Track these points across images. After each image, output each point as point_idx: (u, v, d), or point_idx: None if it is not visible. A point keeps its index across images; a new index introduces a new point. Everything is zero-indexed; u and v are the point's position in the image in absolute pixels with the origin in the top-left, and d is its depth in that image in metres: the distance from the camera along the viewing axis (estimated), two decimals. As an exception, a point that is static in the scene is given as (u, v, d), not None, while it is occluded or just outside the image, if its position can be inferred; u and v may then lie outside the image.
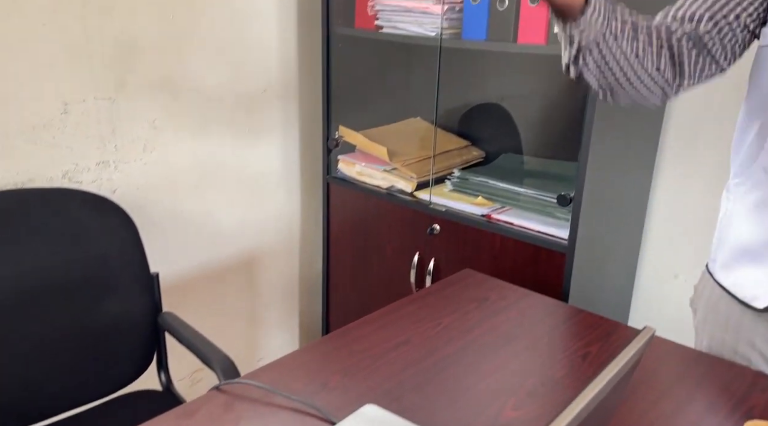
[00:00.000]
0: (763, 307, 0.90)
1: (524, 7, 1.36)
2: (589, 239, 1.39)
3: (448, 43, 1.49)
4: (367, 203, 1.73)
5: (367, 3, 1.60)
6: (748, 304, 0.92)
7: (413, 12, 1.51)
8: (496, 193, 1.56)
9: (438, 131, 1.82)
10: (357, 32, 1.66)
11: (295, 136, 1.85)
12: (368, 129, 1.81)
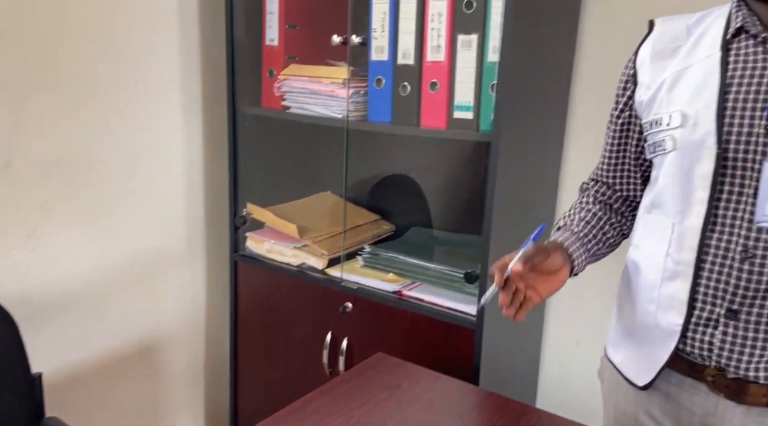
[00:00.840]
0: (642, 385, 0.96)
1: (425, 94, 1.42)
2: (498, 314, 1.42)
3: (355, 125, 1.52)
4: (277, 282, 1.69)
5: (274, 84, 1.62)
6: (632, 382, 0.98)
7: (320, 95, 1.54)
8: (406, 269, 1.58)
9: (348, 206, 1.84)
10: (264, 112, 1.67)
11: (199, 214, 1.80)
12: (278, 204, 1.79)
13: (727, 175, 0.86)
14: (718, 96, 0.86)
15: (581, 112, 1.55)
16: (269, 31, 1.61)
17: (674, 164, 0.91)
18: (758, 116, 0.83)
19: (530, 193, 1.49)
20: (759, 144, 0.83)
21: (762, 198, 0.83)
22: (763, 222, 0.83)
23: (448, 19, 1.35)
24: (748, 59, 0.86)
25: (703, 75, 0.89)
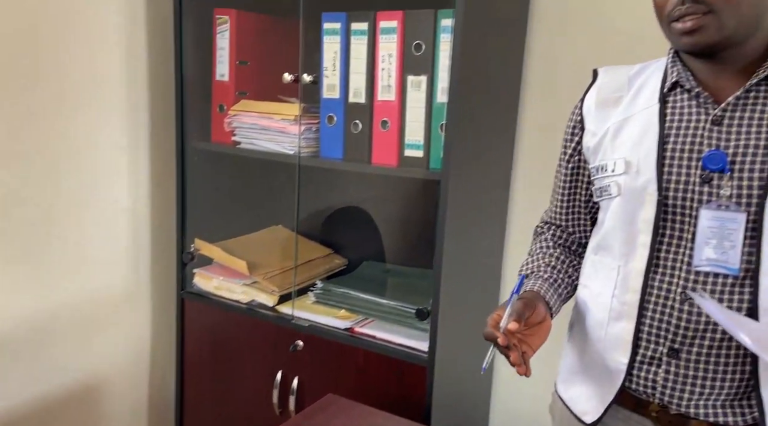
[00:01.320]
0: (590, 423, 0.98)
1: (376, 132, 1.44)
2: (449, 349, 1.43)
3: (307, 161, 1.52)
4: (226, 319, 1.64)
5: (224, 119, 1.60)
6: (580, 419, 1.00)
7: (270, 131, 1.53)
8: (358, 305, 1.57)
9: (300, 240, 1.82)
10: (214, 147, 1.64)
11: (144, 250, 1.74)
12: (229, 239, 1.76)
13: (668, 221, 0.90)
14: (658, 146, 0.91)
15: (527, 149, 1.60)
16: (219, 66, 1.60)
17: (619, 209, 0.95)
18: (694, 166, 0.88)
19: (479, 229, 1.51)
20: (695, 192, 0.88)
21: (699, 243, 0.87)
22: (700, 266, 0.87)
23: (398, 60, 1.38)
24: (684, 112, 0.91)
25: (644, 125, 0.93)
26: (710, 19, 0.81)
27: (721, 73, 0.88)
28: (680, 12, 0.83)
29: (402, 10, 1.35)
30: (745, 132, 0.86)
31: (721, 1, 0.80)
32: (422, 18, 1.34)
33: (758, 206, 0.84)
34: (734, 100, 0.87)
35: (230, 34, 1.57)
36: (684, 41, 0.85)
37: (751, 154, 0.85)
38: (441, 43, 1.33)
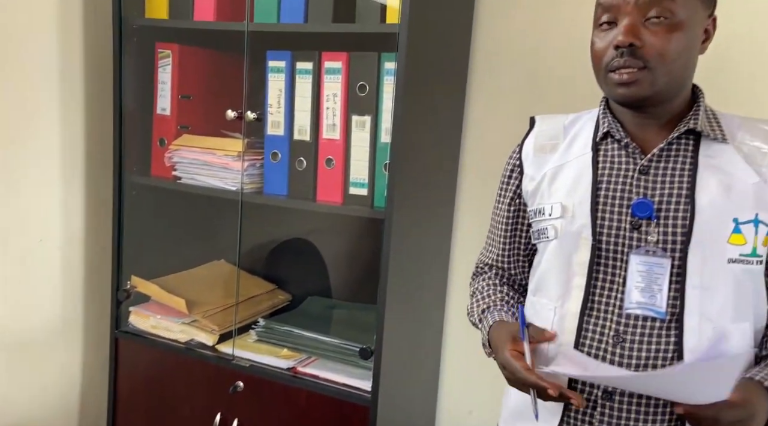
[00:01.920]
0: None
1: (321, 169, 1.44)
2: (393, 388, 1.42)
3: (250, 198, 1.50)
4: (163, 359, 1.58)
5: (164, 154, 1.57)
6: None
7: (213, 167, 1.51)
8: (302, 343, 1.54)
9: (242, 275, 1.78)
10: (153, 181, 1.60)
11: (77, 288, 1.67)
12: (168, 275, 1.70)
13: (601, 265, 0.94)
14: (591, 192, 0.95)
15: (469, 188, 1.64)
16: (161, 100, 1.57)
17: (556, 251, 0.98)
18: (624, 212, 0.92)
19: (423, 267, 1.53)
20: (626, 237, 0.92)
21: (629, 287, 0.91)
22: (630, 309, 0.91)
23: (342, 100, 1.39)
24: (614, 160, 0.95)
25: (578, 172, 0.97)
26: (645, 74, 0.86)
27: (648, 126, 0.94)
28: (618, 64, 0.87)
29: (346, 52, 1.37)
30: (669, 181, 0.91)
31: (656, 59, 0.86)
32: (366, 60, 1.36)
33: (681, 252, 0.89)
34: (658, 152, 0.92)
35: (172, 68, 1.55)
36: (619, 92, 0.89)
37: (674, 203, 0.90)
38: (384, 85, 1.36)
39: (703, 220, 0.88)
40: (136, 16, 1.53)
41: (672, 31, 0.85)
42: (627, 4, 0.86)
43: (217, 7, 1.47)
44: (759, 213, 0.87)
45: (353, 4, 1.34)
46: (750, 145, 0.90)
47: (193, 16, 1.49)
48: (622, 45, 0.86)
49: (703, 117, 0.92)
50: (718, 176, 0.89)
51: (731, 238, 0.88)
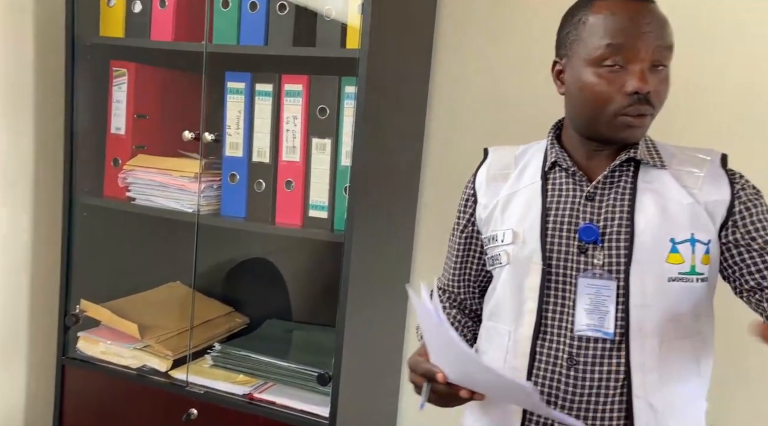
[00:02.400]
0: None
1: (280, 191, 1.43)
2: (351, 414, 1.40)
3: (206, 219, 1.47)
4: (113, 387, 1.52)
5: (118, 174, 1.53)
6: None
7: (169, 188, 1.48)
8: (259, 368, 1.51)
9: (198, 297, 1.74)
10: (106, 202, 1.55)
11: (22, 313, 1.59)
12: (120, 298, 1.65)
13: (552, 288, 0.96)
14: (541, 218, 0.97)
15: (429, 211, 1.65)
16: (115, 119, 1.54)
17: (508, 277, 1.00)
18: (572, 237, 0.95)
19: (383, 289, 1.53)
20: (574, 261, 0.95)
21: (578, 309, 0.93)
22: (581, 331, 0.93)
23: (302, 123, 1.39)
24: (562, 188, 0.98)
25: (528, 199, 1.00)
26: (649, 119, 0.92)
27: (595, 155, 0.98)
28: (636, 111, 0.89)
29: (307, 75, 1.37)
30: (611, 206, 0.94)
31: (658, 105, 0.92)
32: (327, 84, 1.36)
33: (625, 273, 0.92)
34: (603, 179, 0.96)
35: (128, 86, 1.52)
36: (625, 134, 0.91)
37: (616, 226, 0.93)
38: (345, 108, 1.36)
39: (642, 242, 0.92)
40: (90, 33, 1.49)
41: (667, 79, 0.92)
42: (647, 51, 0.88)
43: (176, 26, 1.45)
44: (694, 233, 0.91)
45: (314, 28, 1.34)
46: (684, 170, 0.95)
47: (150, 35, 1.47)
48: (642, 91, 0.88)
49: (642, 146, 0.97)
50: (655, 199, 0.93)
51: (669, 258, 0.91)
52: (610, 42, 0.88)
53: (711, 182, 0.94)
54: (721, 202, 0.92)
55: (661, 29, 0.89)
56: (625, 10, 0.89)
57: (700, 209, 0.92)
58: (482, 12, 1.54)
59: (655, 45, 0.88)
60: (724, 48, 1.36)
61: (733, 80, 1.36)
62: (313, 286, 1.78)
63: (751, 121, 1.36)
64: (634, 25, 0.88)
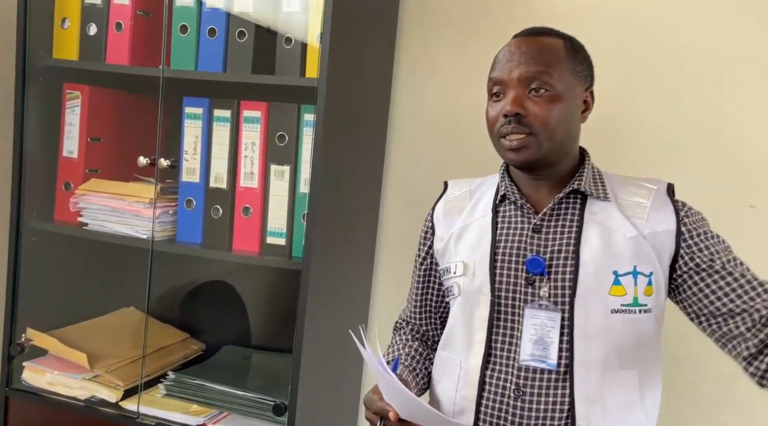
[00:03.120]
0: None
1: (238, 218, 1.41)
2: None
3: (162, 246, 1.44)
4: (60, 420, 1.46)
5: (69, 198, 1.48)
6: None
7: (123, 213, 1.44)
8: (214, 397, 1.48)
9: (153, 323, 1.69)
10: (56, 227, 1.51)
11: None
12: (71, 325, 1.59)
13: (500, 319, 0.98)
14: (491, 251, 0.99)
15: (388, 239, 1.66)
16: (68, 142, 1.50)
17: (460, 307, 1.01)
18: (520, 269, 0.97)
19: (341, 317, 1.52)
20: (521, 292, 0.97)
21: (524, 340, 0.95)
22: (525, 361, 0.95)
23: (261, 149, 1.38)
24: (511, 221, 1.01)
25: (480, 232, 1.02)
26: (531, 140, 0.94)
27: (540, 187, 1.01)
28: (507, 130, 0.95)
29: (266, 102, 1.37)
30: (558, 238, 0.97)
31: (539, 127, 0.94)
32: (286, 111, 1.36)
33: (569, 305, 0.94)
34: (549, 211, 0.98)
35: (81, 109, 1.48)
36: (509, 156, 0.97)
37: (562, 258, 0.96)
38: (304, 136, 1.36)
39: (586, 273, 0.94)
40: (43, 55, 1.46)
41: (552, 102, 0.94)
42: (512, 79, 0.95)
43: (132, 50, 1.43)
44: (637, 265, 0.94)
45: (273, 56, 1.34)
46: (630, 200, 0.98)
47: (105, 58, 1.44)
48: (509, 114, 0.94)
49: (588, 177, 0.99)
50: (600, 231, 0.96)
51: (612, 290, 0.94)
52: (491, 76, 0.99)
53: (656, 211, 0.97)
54: (668, 232, 0.95)
55: (534, 58, 0.95)
56: (509, 45, 0.99)
57: (644, 242, 0.95)
58: (443, 42, 1.57)
59: (523, 71, 0.94)
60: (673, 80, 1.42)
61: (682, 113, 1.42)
62: (272, 311, 1.75)
63: (696, 152, 1.42)
64: (509, 57, 0.97)
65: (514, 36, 1.01)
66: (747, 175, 1.36)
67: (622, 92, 1.43)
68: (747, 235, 1.36)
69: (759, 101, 1.34)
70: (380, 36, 1.53)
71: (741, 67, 1.35)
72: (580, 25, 1.43)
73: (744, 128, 1.36)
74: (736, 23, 1.35)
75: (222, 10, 1.36)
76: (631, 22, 1.42)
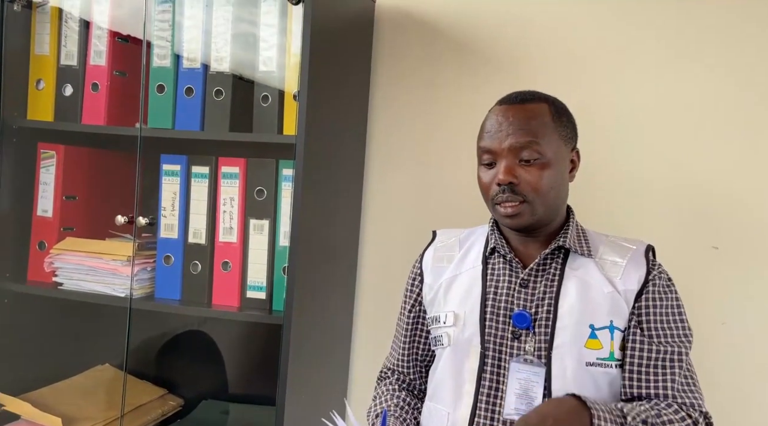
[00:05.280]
0: None
1: (217, 273, 1.41)
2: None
3: (140, 304, 1.43)
4: (33, 488, 1.41)
5: (44, 258, 1.46)
6: None
7: (99, 272, 1.43)
8: (194, 456, 1.45)
9: (129, 380, 1.66)
10: (29, 289, 1.48)
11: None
12: (45, 387, 1.54)
13: (488, 372, 0.99)
14: (481, 303, 1.01)
15: (367, 292, 1.67)
16: (42, 201, 1.49)
17: (449, 358, 1.03)
18: (507, 322, 1.00)
19: (323, 370, 1.51)
20: (508, 346, 0.99)
21: (509, 393, 0.97)
22: (510, 415, 0.96)
23: (240, 204, 1.39)
24: (500, 273, 1.03)
25: (469, 283, 1.04)
26: (525, 207, 0.97)
27: (529, 243, 1.04)
28: (502, 198, 0.98)
29: (244, 158, 1.39)
30: (541, 292, 1.00)
31: (532, 195, 0.97)
32: (264, 166, 1.38)
33: (547, 358, 0.96)
34: (535, 266, 1.01)
35: (56, 168, 1.48)
36: (506, 222, 1.01)
37: (545, 313, 0.98)
38: (283, 190, 1.38)
39: (563, 326, 0.97)
40: (17, 117, 1.46)
41: (542, 168, 0.97)
42: (503, 149, 0.98)
43: (108, 109, 1.44)
44: (613, 319, 0.97)
45: (251, 113, 1.37)
46: (608, 259, 1.02)
47: (81, 118, 1.45)
48: (502, 183, 0.97)
49: (573, 234, 1.03)
50: (579, 286, 0.99)
51: (588, 343, 0.96)
52: (481, 145, 1.02)
53: (631, 270, 1.00)
54: (635, 291, 0.99)
55: (523, 128, 0.98)
56: (495, 114, 1.01)
57: (619, 297, 0.98)
58: (415, 97, 1.61)
59: (513, 142, 0.97)
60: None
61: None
62: (251, 363, 1.74)
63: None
64: (498, 127, 0.99)
65: (498, 102, 1.04)
66: (709, 217, 1.43)
67: (583, 138, 1.49)
68: (710, 275, 1.42)
69: (720, 143, 1.41)
70: (354, 88, 1.57)
71: (702, 113, 1.42)
72: (541, 74, 1.50)
73: (705, 170, 1.42)
74: (690, 68, 1.43)
75: (199, 70, 1.38)
76: (584, 69, 1.50)
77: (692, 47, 1.42)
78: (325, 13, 1.32)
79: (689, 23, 1.42)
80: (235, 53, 1.36)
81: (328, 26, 1.35)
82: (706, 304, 1.40)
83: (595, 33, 1.49)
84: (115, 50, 1.44)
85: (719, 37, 1.40)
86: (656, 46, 1.45)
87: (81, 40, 1.45)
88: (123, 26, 1.45)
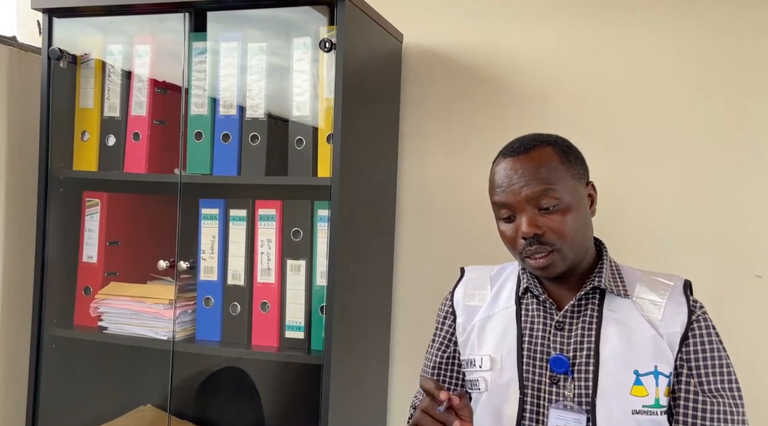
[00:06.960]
0: None
1: (256, 313, 1.43)
2: None
3: (181, 346, 1.45)
4: None
5: (90, 303, 1.51)
6: None
7: (143, 316, 1.46)
8: (237, 498, 1.45)
9: (173, 421, 1.68)
10: (75, 334, 1.52)
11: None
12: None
13: (526, 418, 0.97)
14: (517, 345, 1.00)
15: (402, 328, 1.68)
16: (87, 248, 1.53)
17: (487, 403, 1.01)
18: (545, 367, 0.97)
19: (362, 407, 1.51)
20: (546, 391, 0.97)
21: None
22: None
23: (277, 245, 1.42)
24: (535, 315, 1.02)
25: (504, 324, 1.03)
26: (555, 256, 0.95)
27: (563, 284, 1.02)
28: (530, 252, 0.95)
29: (280, 200, 1.42)
30: (579, 336, 0.97)
31: (559, 242, 0.94)
32: (299, 208, 1.41)
33: (591, 405, 0.93)
34: (571, 308, 0.99)
35: (100, 216, 1.53)
36: (538, 272, 0.98)
37: (585, 357, 0.95)
38: (318, 230, 1.40)
39: (607, 372, 0.94)
40: (63, 167, 1.52)
41: (564, 213, 0.94)
42: (519, 201, 0.95)
43: (149, 158, 1.49)
44: (657, 365, 0.94)
45: (286, 157, 1.40)
46: (646, 298, 0.98)
47: (123, 166, 1.50)
48: (527, 236, 0.94)
49: (607, 273, 1.00)
50: (620, 329, 0.96)
51: (633, 390, 0.93)
52: (495, 200, 0.99)
53: (671, 310, 0.97)
54: (678, 334, 0.95)
55: (534, 177, 0.95)
56: (502, 168, 0.99)
57: (661, 341, 0.95)
58: (445, 132, 1.64)
59: (528, 193, 0.94)
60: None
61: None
62: (291, 403, 1.74)
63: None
64: (509, 181, 0.96)
65: (502, 154, 1.01)
66: (752, 246, 1.40)
67: (617, 174, 1.48)
68: (754, 304, 1.38)
69: (761, 171, 1.39)
70: (385, 126, 1.60)
71: (738, 141, 1.41)
72: (568, 106, 1.51)
73: (747, 199, 1.40)
74: (730, 96, 1.42)
75: (235, 117, 1.43)
76: (616, 100, 1.50)
77: (734, 78, 1.41)
78: (355, 57, 1.36)
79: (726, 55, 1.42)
80: (269, 99, 1.41)
81: (359, 69, 1.38)
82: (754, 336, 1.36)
83: (623, 66, 1.49)
84: (155, 100, 1.50)
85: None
86: (690, 75, 1.44)
87: (123, 92, 1.51)
88: (162, 76, 1.51)
